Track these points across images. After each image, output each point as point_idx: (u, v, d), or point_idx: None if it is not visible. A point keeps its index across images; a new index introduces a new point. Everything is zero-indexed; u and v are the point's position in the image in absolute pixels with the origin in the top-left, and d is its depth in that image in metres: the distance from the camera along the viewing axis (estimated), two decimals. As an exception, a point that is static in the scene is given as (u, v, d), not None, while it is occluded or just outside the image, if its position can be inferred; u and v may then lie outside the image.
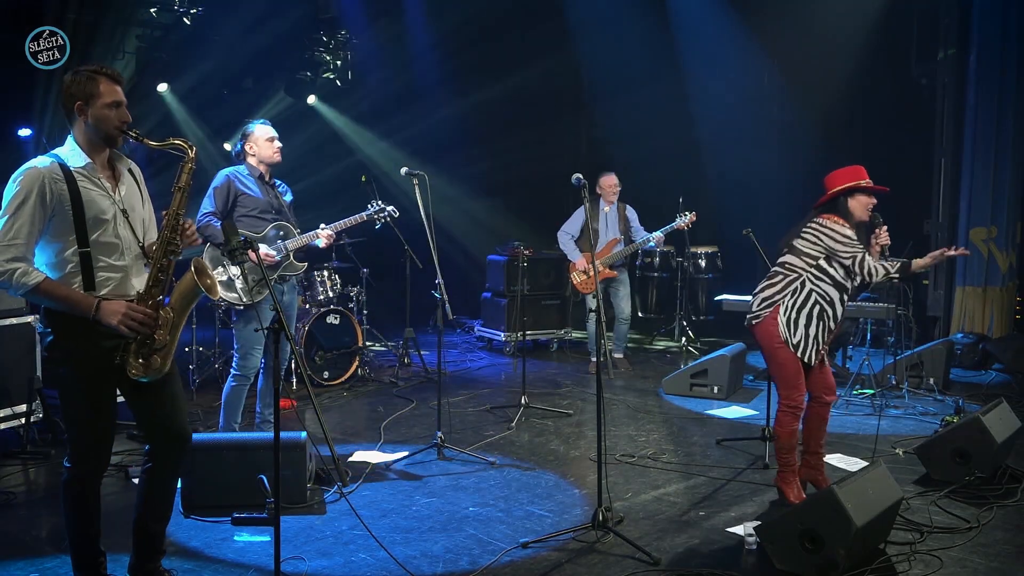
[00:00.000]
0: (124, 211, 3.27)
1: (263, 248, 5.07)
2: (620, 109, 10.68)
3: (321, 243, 5.40)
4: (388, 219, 5.72)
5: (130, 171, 3.40)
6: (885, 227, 4.58)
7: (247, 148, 5.24)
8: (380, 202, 5.71)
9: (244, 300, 5.07)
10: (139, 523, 3.45)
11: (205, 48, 9.03)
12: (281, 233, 5.27)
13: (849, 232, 4.43)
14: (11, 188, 3.11)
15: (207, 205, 5.12)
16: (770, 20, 10.09)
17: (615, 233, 7.88)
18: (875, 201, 4.51)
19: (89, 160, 3.21)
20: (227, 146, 9.55)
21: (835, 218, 4.46)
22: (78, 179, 3.17)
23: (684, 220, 7.65)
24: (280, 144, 5.27)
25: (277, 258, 5.18)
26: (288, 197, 5.44)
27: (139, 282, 3.29)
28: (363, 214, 5.62)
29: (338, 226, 5.50)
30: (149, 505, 3.44)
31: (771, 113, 10.60)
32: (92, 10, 7.90)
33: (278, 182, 5.41)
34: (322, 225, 5.40)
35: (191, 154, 3.32)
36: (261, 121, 5.31)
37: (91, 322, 3.11)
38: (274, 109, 10.21)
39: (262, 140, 5.22)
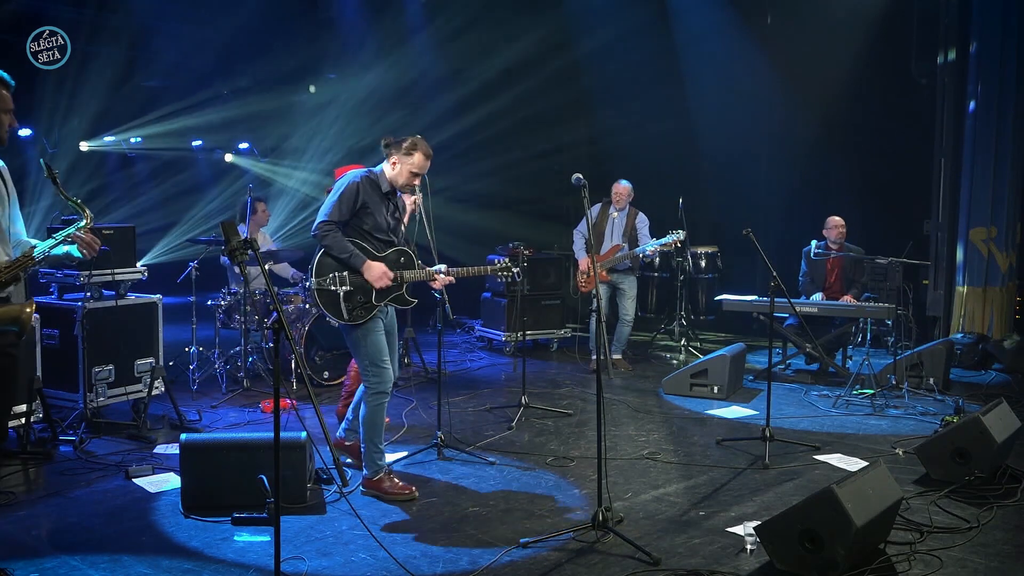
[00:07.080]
0: None
1: (383, 267, 4.59)
2: (620, 108, 10.68)
3: (436, 284, 4.88)
4: (512, 279, 5.23)
5: None
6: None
7: (392, 159, 4.62)
8: (507, 260, 5.39)
9: (345, 318, 4.57)
10: None
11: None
12: (402, 260, 4.74)
13: None
14: None
15: (329, 211, 4.52)
16: (770, 20, 10.11)
17: (618, 239, 7.99)
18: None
19: None
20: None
21: None
22: None
23: (673, 239, 7.70)
24: (418, 182, 4.73)
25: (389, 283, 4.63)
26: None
27: None
28: (487, 267, 5.14)
29: (459, 273, 4.93)
30: None
31: (771, 113, 10.59)
32: (92, 10, 7.90)
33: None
34: (443, 267, 4.85)
35: (86, 222, 3.50)
36: (426, 146, 4.64)
37: None
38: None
39: (411, 169, 4.60)
